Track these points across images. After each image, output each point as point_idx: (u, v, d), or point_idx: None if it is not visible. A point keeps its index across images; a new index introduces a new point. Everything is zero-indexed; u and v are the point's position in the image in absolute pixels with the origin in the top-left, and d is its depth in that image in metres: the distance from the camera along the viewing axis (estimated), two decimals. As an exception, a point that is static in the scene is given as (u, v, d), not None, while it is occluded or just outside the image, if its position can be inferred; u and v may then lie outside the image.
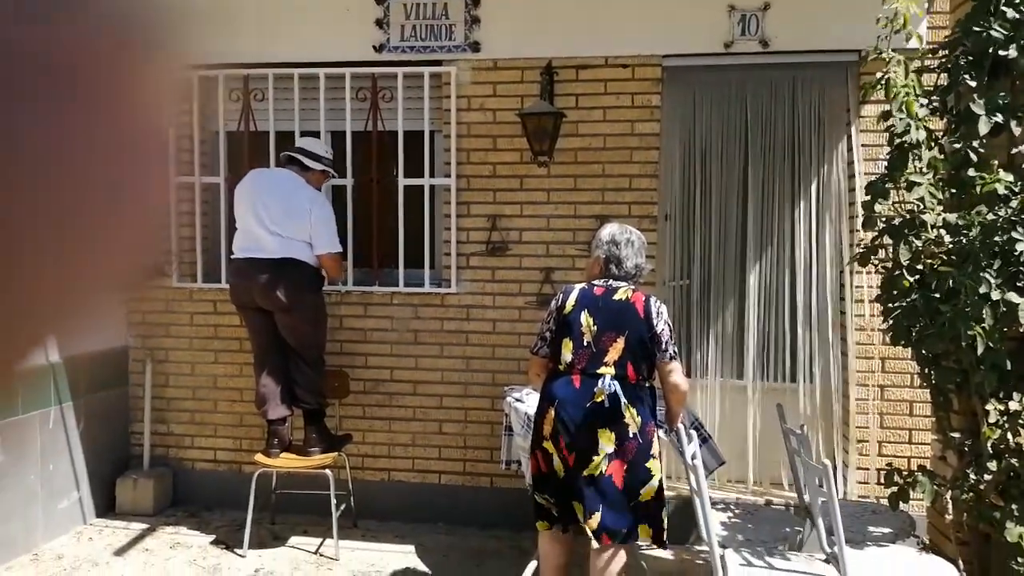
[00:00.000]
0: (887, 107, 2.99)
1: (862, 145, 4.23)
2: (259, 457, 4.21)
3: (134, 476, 4.78)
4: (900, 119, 2.91)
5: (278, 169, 4.27)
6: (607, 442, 2.95)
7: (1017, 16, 2.78)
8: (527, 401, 3.66)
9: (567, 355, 3.04)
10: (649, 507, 3.00)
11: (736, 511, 3.59)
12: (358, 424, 4.68)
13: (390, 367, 4.68)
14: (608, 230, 3.21)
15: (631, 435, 2.95)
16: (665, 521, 3.05)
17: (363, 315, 4.70)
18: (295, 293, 4.01)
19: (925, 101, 2.97)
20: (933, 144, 2.96)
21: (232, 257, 4.16)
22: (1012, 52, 2.77)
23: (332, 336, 4.54)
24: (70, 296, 0.33)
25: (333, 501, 4.15)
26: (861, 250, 3.20)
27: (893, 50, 2.99)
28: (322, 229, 4.05)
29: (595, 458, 2.95)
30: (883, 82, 2.96)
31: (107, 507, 4.74)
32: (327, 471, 4.16)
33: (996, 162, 2.84)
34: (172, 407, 4.91)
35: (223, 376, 4.84)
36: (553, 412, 3.02)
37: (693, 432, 3.01)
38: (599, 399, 2.96)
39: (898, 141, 2.93)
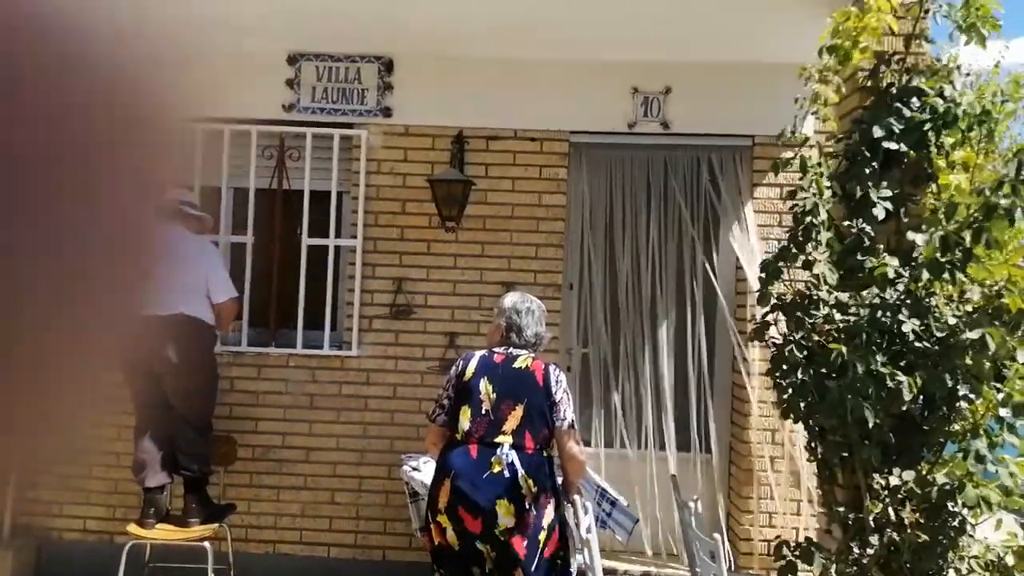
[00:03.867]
0: (786, 188, 3.11)
1: (757, 225, 4.41)
2: (132, 528, 3.90)
3: (-10, 548, 4.36)
4: (809, 197, 3.01)
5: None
6: (506, 514, 2.88)
7: (909, 113, 2.98)
8: (424, 470, 3.55)
9: (465, 423, 2.98)
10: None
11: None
12: (243, 493, 4.43)
13: (282, 432, 4.48)
14: (509, 298, 3.22)
15: (527, 506, 2.89)
16: None
17: (256, 377, 4.50)
18: (189, 353, 3.82)
19: (828, 184, 3.11)
20: (830, 225, 3.09)
21: None
22: (903, 147, 2.96)
23: (221, 399, 4.31)
24: None
25: (211, 576, 3.87)
26: (755, 325, 3.29)
27: (792, 135, 3.13)
28: (217, 274, 3.87)
29: (496, 530, 2.88)
30: (796, 160, 3.07)
31: (-45, 583, 4.30)
32: (206, 544, 3.89)
33: (882, 246, 3.00)
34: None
35: (100, 439, 4.52)
36: (449, 484, 2.93)
37: (589, 505, 2.98)
38: (496, 469, 2.90)
39: (807, 220, 3.01)
